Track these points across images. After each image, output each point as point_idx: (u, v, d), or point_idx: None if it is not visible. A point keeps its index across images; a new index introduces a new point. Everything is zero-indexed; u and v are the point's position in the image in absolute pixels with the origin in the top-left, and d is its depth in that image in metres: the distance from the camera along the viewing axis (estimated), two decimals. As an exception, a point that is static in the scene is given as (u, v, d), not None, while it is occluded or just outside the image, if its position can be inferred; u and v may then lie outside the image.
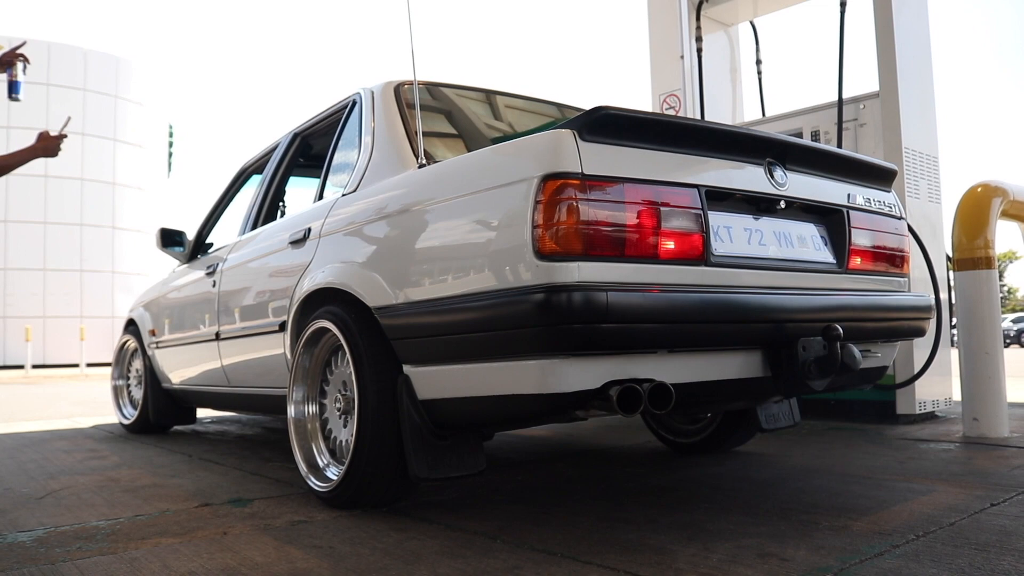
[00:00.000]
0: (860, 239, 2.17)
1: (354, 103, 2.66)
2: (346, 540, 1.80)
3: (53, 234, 18.82)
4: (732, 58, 4.81)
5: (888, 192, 2.36)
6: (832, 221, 2.14)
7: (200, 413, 4.67)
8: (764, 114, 4.48)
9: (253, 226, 3.24)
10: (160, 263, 20.28)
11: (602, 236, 1.63)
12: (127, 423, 4.27)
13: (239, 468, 2.89)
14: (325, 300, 2.32)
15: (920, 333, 2.30)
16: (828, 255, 2.11)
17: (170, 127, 22.83)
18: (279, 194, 3.31)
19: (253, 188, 3.49)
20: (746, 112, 4.76)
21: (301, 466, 2.32)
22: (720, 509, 2.00)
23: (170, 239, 3.87)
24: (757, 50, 4.69)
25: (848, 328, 1.89)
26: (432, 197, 1.97)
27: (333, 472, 2.26)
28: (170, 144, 22.78)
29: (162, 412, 4.05)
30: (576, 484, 2.41)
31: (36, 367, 15.69)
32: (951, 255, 3.26)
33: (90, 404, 6.61)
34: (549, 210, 1.61)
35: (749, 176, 1.92)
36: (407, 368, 1.98)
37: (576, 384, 1.62)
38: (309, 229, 2.53)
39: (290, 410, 2.41)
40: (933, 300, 2.37)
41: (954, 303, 3.21)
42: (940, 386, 3.67)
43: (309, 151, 3.30)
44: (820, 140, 3.76)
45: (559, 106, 3.04)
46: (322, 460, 2.33)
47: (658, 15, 4.57)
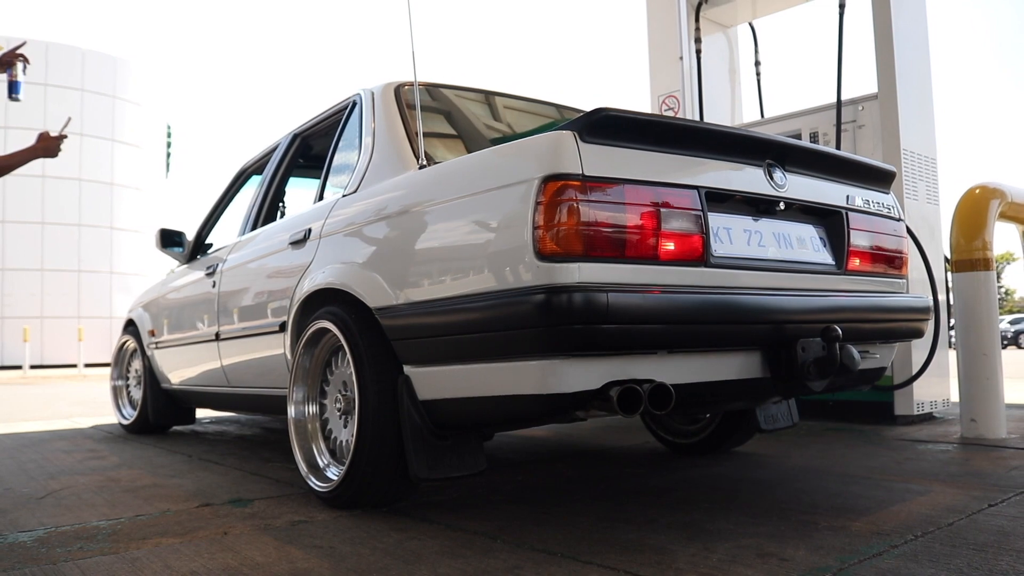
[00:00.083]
0: (859, 240, 2.18)
1: (354, 104, 2.67)
2: (347, 540, 1.80)
3: (51, 234, 18.81)
4: (731, 59, 4.82)
5: (887, 194, 2.37)
6: (831, 223, 2.15)
7: (199, 413, 4.67)
8: (763, 115, 4.49)
9: (253, 227, 3.25)
10: (158, 263, 20.33)
11: (602, 237, 1.64)
12: (126, 423, 4.27)
13: (239, 468, 2.89)
14: (325, 301, 2.33)
15: (918, 334, 2.31)
16: (827, 256, 2.12)
17: (168, 127, 22.82)
18: (279, 195, 3.31)
19: (253, 189, 3.49)
20: (745, 113, 4.77)
21: (301, 466, 2.33)
22: (719, 509, 2.01)
23: (170, 239, 3.88)
24: (756, 51, 4.70)
25: (847, 329, 1.89)
26: (433, 198, 1.98)
27: (333, 472, 2.27)
28: (168, 144, 22.77)
29: (161, 412, 4.05)
30: (575, 484, 2.41)
31: (34, 367, 15.67)
32: (949, 256, 3.27)
33: (89, 404, 6.60)
34: (550, 211, 1.61)
35: (749, 178, 1.92)
36: (408, 368, 1.99)
37: (576, 384, 1.63)
38: (309, 230, 2.54)
39: (290, 410, 2.41)
40: (931, 301, 2.38)
41: (952, 304, 3.22)
42: (938, 387, 3.67)
43: (309, 152, 3.31)
44: (819, 141, 3.77)
45: (558, 107, 3.05)
46: (322, 460, 2.33)
47: (657, 16, 4.58)
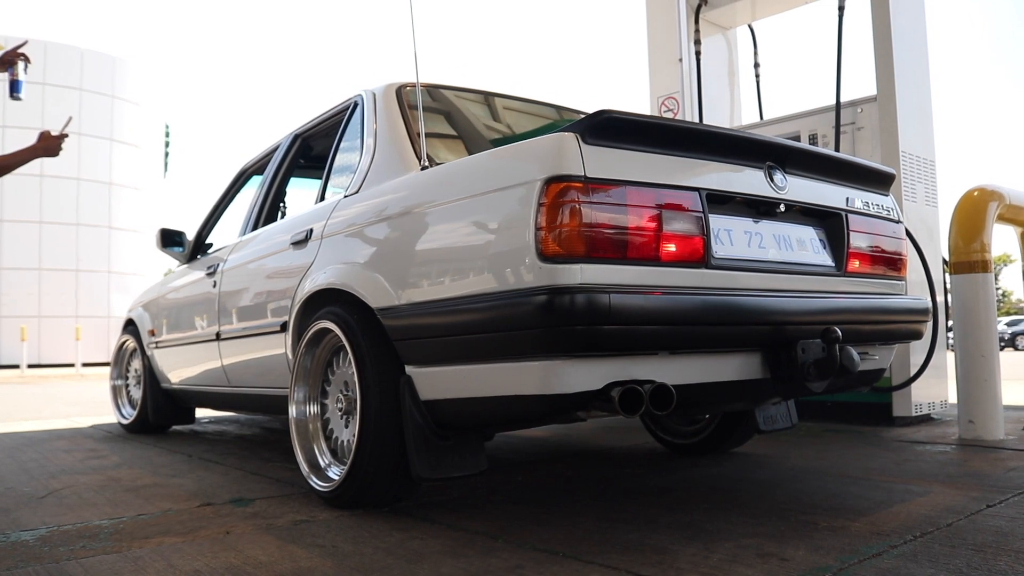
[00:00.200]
0: (858, 242, 2.19)
1: (355, 105, 2.67)
2: (349, 539, 1.81)
3: (49, 234, 18.80)
4: (730, 61, 4.84)
5: (886, 196, 2.38)
6: (831, 224, 2.16)
7: (198, 413, 4.67)
8: (762, 117, 4.49)
9: (254, 227, 3.25)
10: (156, 263, 20.33)
11: (604, 238, 1.65)
12: (126, 423, 4.27)
13: (239, 468, 2.90)
14: (327, 301, 2.33)
15: (917, 336, 2.32)
16: (827, 258, 2.13)
17: (166, 127, 22.81)
18: (280, 195, 3.32)
19: (253, 189, 3.50)
20: (744, 115, 4.79)
21: (303, 466, 2.33)
22: (719, 509, 2.02)
23: (170, 239, 3.88)
24: (755, 53, 4.71)
25: (847, 331, 1.90)
26: (435, 199, 1.98)
27: (335, 472, 2.27)
28: (166, 144, 22.76)
29: (161, 412, 4.06)
30: (576, 484, 2.42)
31: (31, 367, 15.66)
32: (948, 258, 3.28)
33: (87, 404, 6.60)
34: (552, 212, 1.62)
35: (749, 180, 1.93)
36: (409, 369, 2.00)
37: (578, 385, 1.64)
38: (311, 230, 2.54)
39: (292, 410, 2.42)
40: (930, 303, 2.39)
41: (950, 306, 3.24)
42: (936, 388, 3.69)
43: (310, 152, 3.31)
44: (818, 143, 3.78)
45: (558, 108, 3.06)
46: (324, 460, 2.33)
47: (657, 18, 4.59)
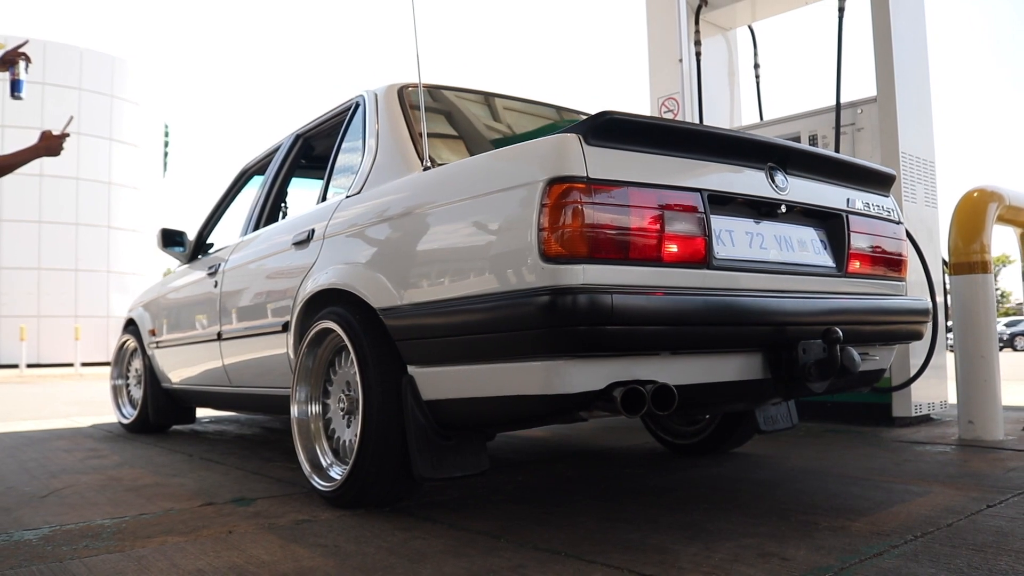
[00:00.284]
0: (859, 243, 2.20)
1: (357, 105, 2.68)
2: (351, 539, 1.82)
3: (48, 233, 18.78)
4: (730, 62, 4.84)
5: (887, 197, 2.39)
6: (832, 225, 2.17)
7: (198, 413, 4.67)
8: (762, 118, 4.50)
9: (255, 227, 3.25)
10: (155, 263, 20.32)
11: (607, 239, 1.65)
12: (126, 422, 4.27)
13: (240, 468, 2.90)
14: (329, 301, 2.34)
15: (917, 337, 2.33)
16: (828, 259, 2.13)
17: (166, 127, 22.80)
18: (281, 195, 3.32)
19: (255, 189, 3.50)
20: (744, 116, 4.79)
21: (305, 466, 2.34)
22: (720, 509, 2.02)
23: (171, 239, 3.89)
24: (755, 54, 4.72)
25: (847, 331, 1.91)
26: (437, 200, 1.99)
27: (337, 472, 2.28)
28: (166, 144, 22.76)
29: (161, 412, 4.06)
30: (576, 484, 2.43)
31: (30, 366, 15.65)
32: (947, 259, 3.29)
33: (87, 404, 6.61)
34: (554, 213, 1.63)
35: (751, 180, 1.94)
36: (412, 369, 2.00)
37: (580, 385, 1.64)
38: (313, 230, 2.55)
39: (293, 410, 2.42)
40: (930, 304, 2.40)
41: (950, 307, 3.24)
42: (936, 389, 3.69)
43: (311, 153, 3.32)
44: (818, 144, 3.79)
45: (558, 109, 3.07)
46: (325, 460, 2.34)
47: (657, 19, 4.59)
